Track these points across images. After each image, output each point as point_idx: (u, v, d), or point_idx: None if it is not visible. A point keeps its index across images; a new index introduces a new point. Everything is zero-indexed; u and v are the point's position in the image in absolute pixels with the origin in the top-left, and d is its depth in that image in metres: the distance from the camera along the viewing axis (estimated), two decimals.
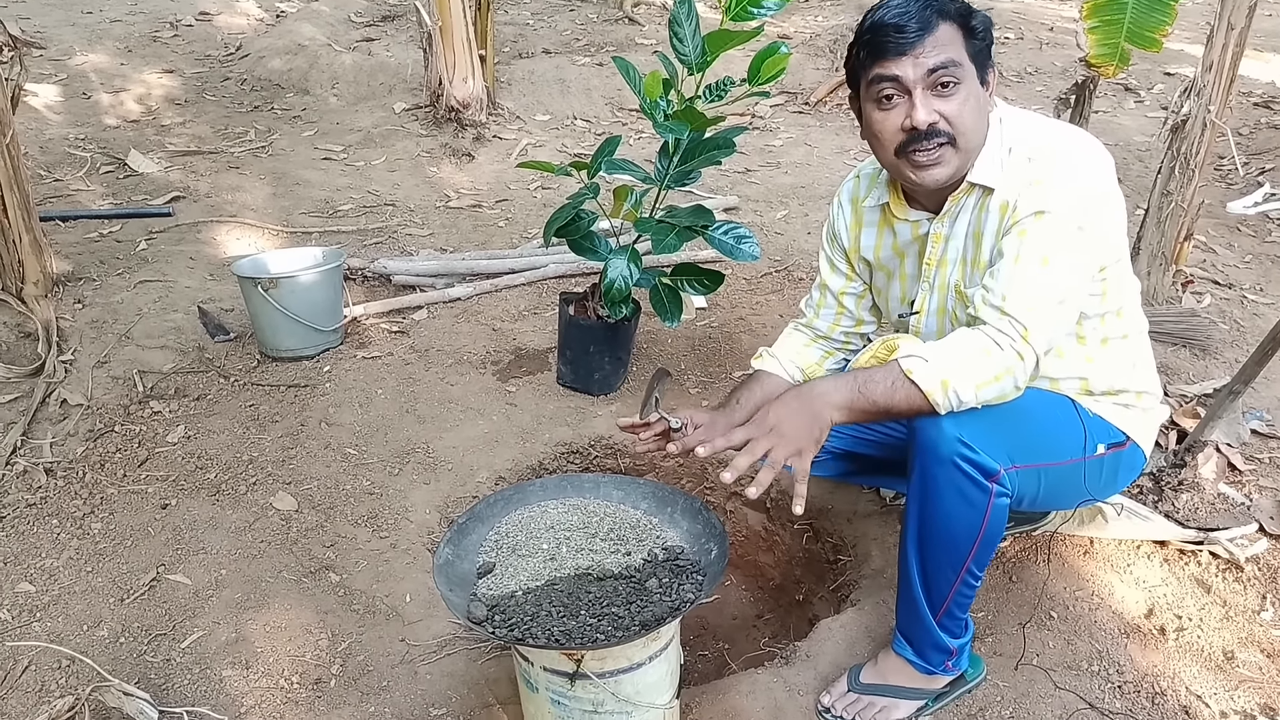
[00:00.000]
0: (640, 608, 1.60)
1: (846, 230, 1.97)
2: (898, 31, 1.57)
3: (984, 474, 1.63)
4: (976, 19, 1.62)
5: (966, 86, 1.61)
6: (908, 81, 1.59)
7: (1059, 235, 1.60)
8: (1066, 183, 1.61)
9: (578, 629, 1.55)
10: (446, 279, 3.68)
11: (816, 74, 6.62)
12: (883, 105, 1.63)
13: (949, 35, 1.59)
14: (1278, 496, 2.43)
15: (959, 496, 1.65)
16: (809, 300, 2.11)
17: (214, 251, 3.88)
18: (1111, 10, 2.78)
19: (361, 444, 2.72)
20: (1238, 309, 3.46)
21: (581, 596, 1.63)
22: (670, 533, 1.83)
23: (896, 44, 1.57)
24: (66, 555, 2.28)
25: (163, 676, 1.97)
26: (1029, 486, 1.75)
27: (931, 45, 1.57)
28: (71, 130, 5.14)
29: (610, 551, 1.75)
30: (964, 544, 1.70)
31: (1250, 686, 1.92)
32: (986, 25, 1.63)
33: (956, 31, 1.59)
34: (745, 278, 3.75)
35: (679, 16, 2.59)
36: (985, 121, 1.67)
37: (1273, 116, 5.63)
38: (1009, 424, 1.69)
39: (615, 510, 1.87)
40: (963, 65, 1.59)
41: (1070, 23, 7.83)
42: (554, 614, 1.58)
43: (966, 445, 1.62)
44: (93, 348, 3.06)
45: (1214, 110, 3.01)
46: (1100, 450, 1.83)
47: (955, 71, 1.58)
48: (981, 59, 1.63)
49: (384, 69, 6.12)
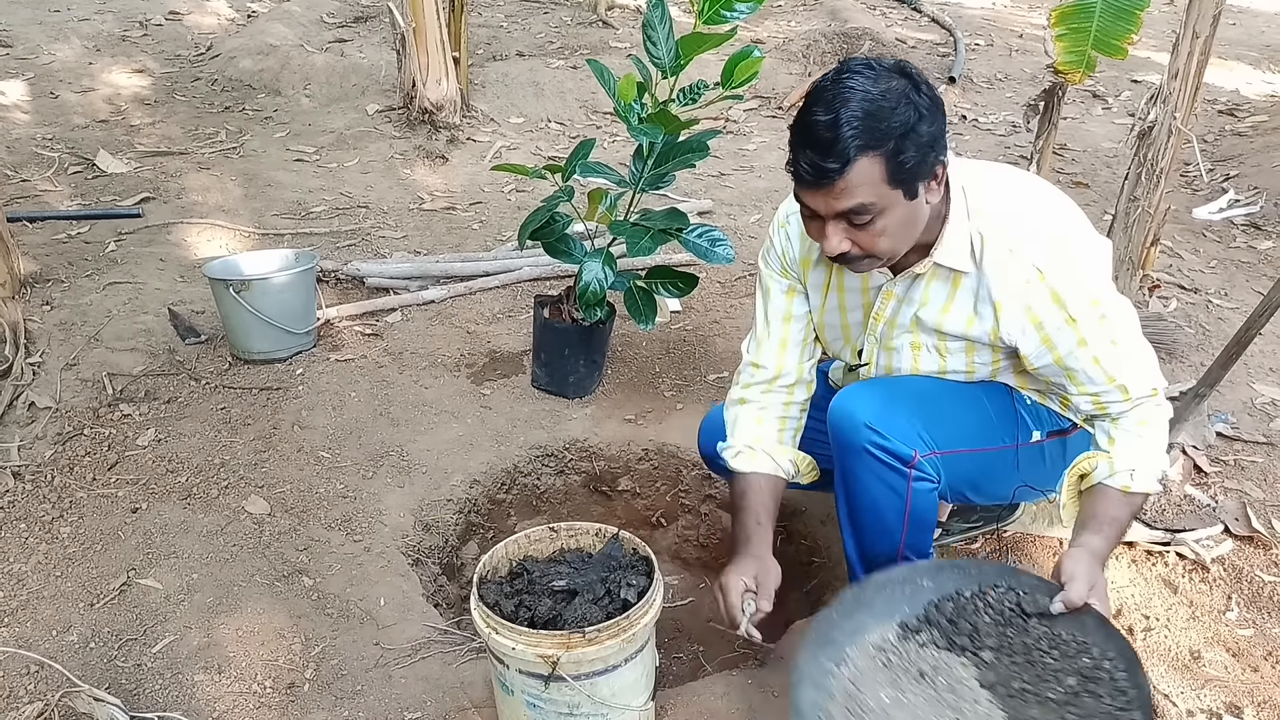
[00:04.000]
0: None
1: (796, 262, 1.87)
2: (809, 169, 1.47)
3: (899, 460, 1.66)
4: (907, 146, 1.46)
5: (886, 215, 1.51)
6: (820, 212, 1.52)
7: (1098, 313, 1.61)
8: (1071, 272, 1.60)
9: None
10: (420, 281, 3.67)
11: (789, 79, 6.66)
12: (804, 214, 1.59)
13: (867, 172, 1.46)
14: (1242, 498, 2.47)
15: (879, 482, 1.69)
16: (764, 347, 1.93)
17: (184, 253, 3.84)
18: (1079, 18, 2.82)
19: (335, 447, 2.71)
20: (1203, 313, 3.51)
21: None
22: None
23: (811, 180, 1.49)
24: (35, 560, 2.26)
25: (134, 682, 1.95)
26: (959, 473, 1.76)
27: (843, 188, 1.47)
28: (39, 130, 5.08)
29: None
30: (894, 528, 1.73)
31: (1216, 685, 1.95)
32: (919, 146, 1.47)
33: (877, 164, 1.46)
34: (719, 281, 3.77)
35: (653, 20, 2.60)
36: (915, 229, 1.58)
37: (1237, 124, 5.72)
38: (929, 410, 1.72)
39: None
40: (878, 202, 1.48)
41: (1039, 30, 7.91)
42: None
43: (877, 433, 1.66)
44: (61, 350, 3.03)
45: (1180, 117, 3.05)
46: (1036, 437, 1.83)
47: (870, 209, 1.49)
48: (911, 178, 1.50)
49: (357, 70, 6.08)
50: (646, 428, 2.85)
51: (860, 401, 1.72)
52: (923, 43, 7.40)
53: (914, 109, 1.46)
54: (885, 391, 1.74)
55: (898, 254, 1.60)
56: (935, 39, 7.51)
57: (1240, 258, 4.06)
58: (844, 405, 1.73)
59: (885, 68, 1.49)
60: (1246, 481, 2.55)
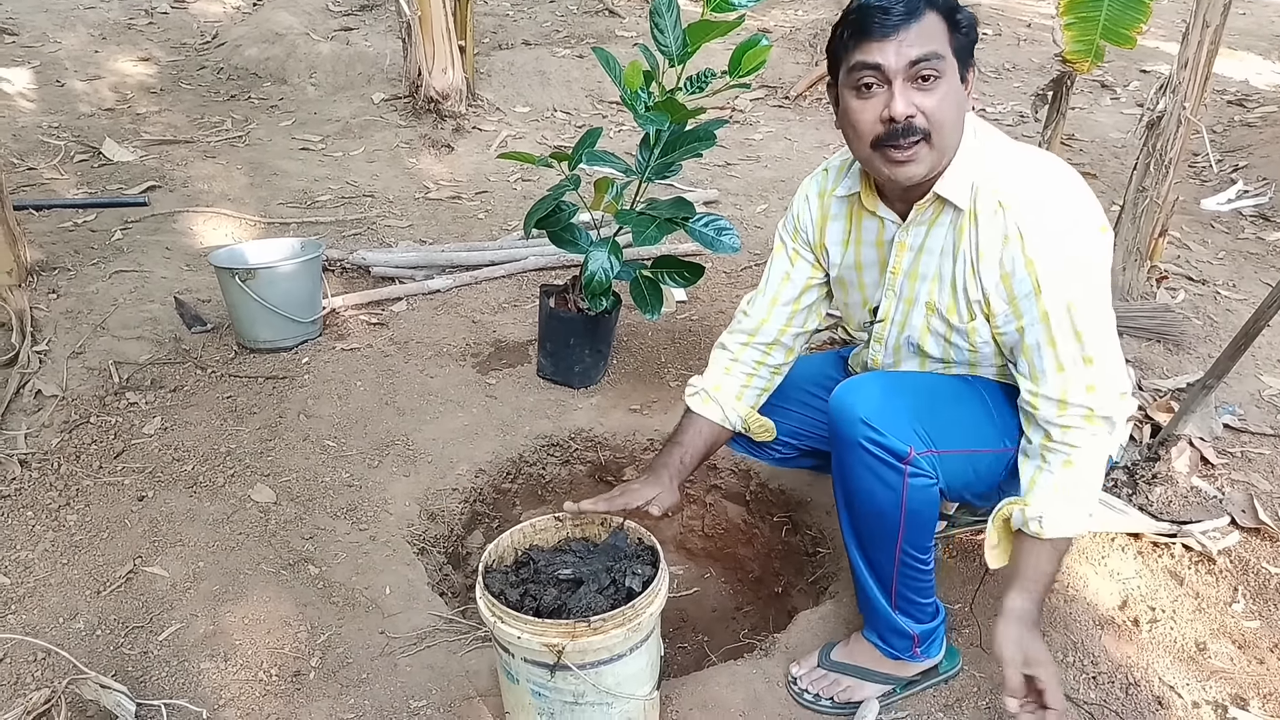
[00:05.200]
0: None
1: (813, 224, 1.90)
2: (883, 14, 1.53)
3: (894, 456, 1.64)
4: (963, 14, 1.58)
5: (947, 81, 1.57)
6: (889, 70, 1.54)
7: (1067, 296, 1.58)
8: (1051, 245, 1.58)
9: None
10: (426, 271, 3.67)
11: (796, 68, 6.64)
12: (861, 94, 1.59)
13: (934, 26, 1.55)
14: (1249, 490, 2.47)
15: (874, 477, 1.67)
16: (756, 300, 2.01)
17: (190, 242, 3.85)
18: (1088, 7, 2.81)
19: (340, 436, 2.71)
20: (1211, 304, 3.50)
21: None
22: None
23: (882, 26, 1.53)
24: (42, 547, 2.26)
25: (140, 669, 1.96)
26: (960, 473, 1.74)
27: (916, 34, 1.53)
28: (45, 118, 5.08)
29: None
30: (890, 523, 1.71)
31: (1222, 677, 1.95)
32: (971, 22, 1.60)
33: (942, 23, 1.55)
34: (725, 271, 3.76)
35: (660, 8, 2.59)
36: (962, 122, 1.64)
37: (1246, 114, 5.69)
38: (929, 408, 1.71)
39: None
40: (945, 59, 1.55)
41: (1047, 19, 7.88)
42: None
43: (872, 428, 1.64)
44: (67, 338, 3.03)
45: (1189, 107, 3.04)
46: None
47: (938, 65, 1.54)
48: (964, 55, 1.60)
49: (362, 59, 6.08)
50: (652, 418, 2.85)
51: (859, 395, 1.70)
52: None
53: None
54: (886, 386, 1.73)
55: (947, 148, 1.62)
56: None
57: (1248, 249, 4.04)
58: (843, 398, 1.72)
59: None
60: (1253, 473, 2.54)
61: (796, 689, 1.92)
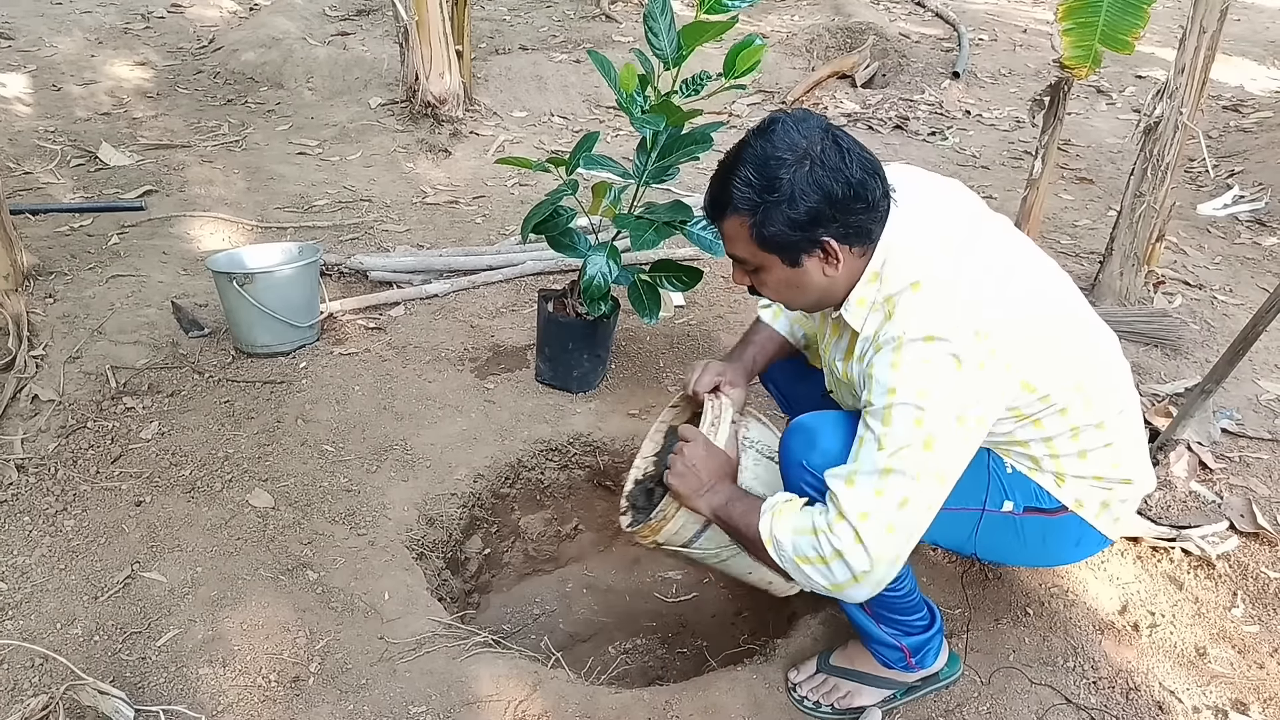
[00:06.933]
0: None
1: None
2: (704, 210, 1.64)
3: None
4: (775, 219, 1.49)
5: (767, 273, 1.60)
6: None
7: (907, 415, 1.45)
8: (918, 368, 1.46)
9: None
10: (424, 275, 3.66)
11: (793, 73, 6.65)
12: None
13: (735, 230, 1.56)
14: (1248, 495, 2.47)
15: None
16: None
17: (187, 246, 3.84)
18: (1086, 12, 2.82)
19: (339, 441, 2.71)
20: (1208, 309, 3.51)
21: None
22: None
23: (707, 218, 1.64)
24: (39, 553, 2.26)
25: (138, 675, 1.95)
26: None
27: (723, 236, 1.61)
28: (41, 122, 5.07)
29: None
30: None
31: (1222, 682, 1.95)
32: (790, 222, 1.49)
33: (743, 228, 1.54)
34: (723, 276, 3.76)
35: (654, 11, 2.59)
36: (806, 291, 1.61)
37: (1241, 120, 5.71)
38: None
39: None
40: (750, 259, 1.59)
41: (1043, 25, 7.90)
42: None
43: (809, 471, 1.62)
44: (64, 343, 3.02)
45: (1186, 113, 3.05)
46: (1008, 507, 1.72)
47: (745, 263, 1.62)
48: (786, 247, 1.53)
49: (359, 63, 6.07)
50: (650, 422, 2.84)
51: (804, 437, 1.65)
52: (926, 37, 7.38)
53: (794, 187, 1.47)
54: (835, 428, 1.65)
55: (794, 307, 1.70)
56: (939, 34, 7.49)
57: (1245, 254, 4.05)
58: (791, 435, 1.68)
59: (809, 132, 1.50)
60: (1252, 478, 2.55)
61: (796, 695, 1.92)
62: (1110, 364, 1.72)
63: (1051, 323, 1.59)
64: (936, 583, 2.18)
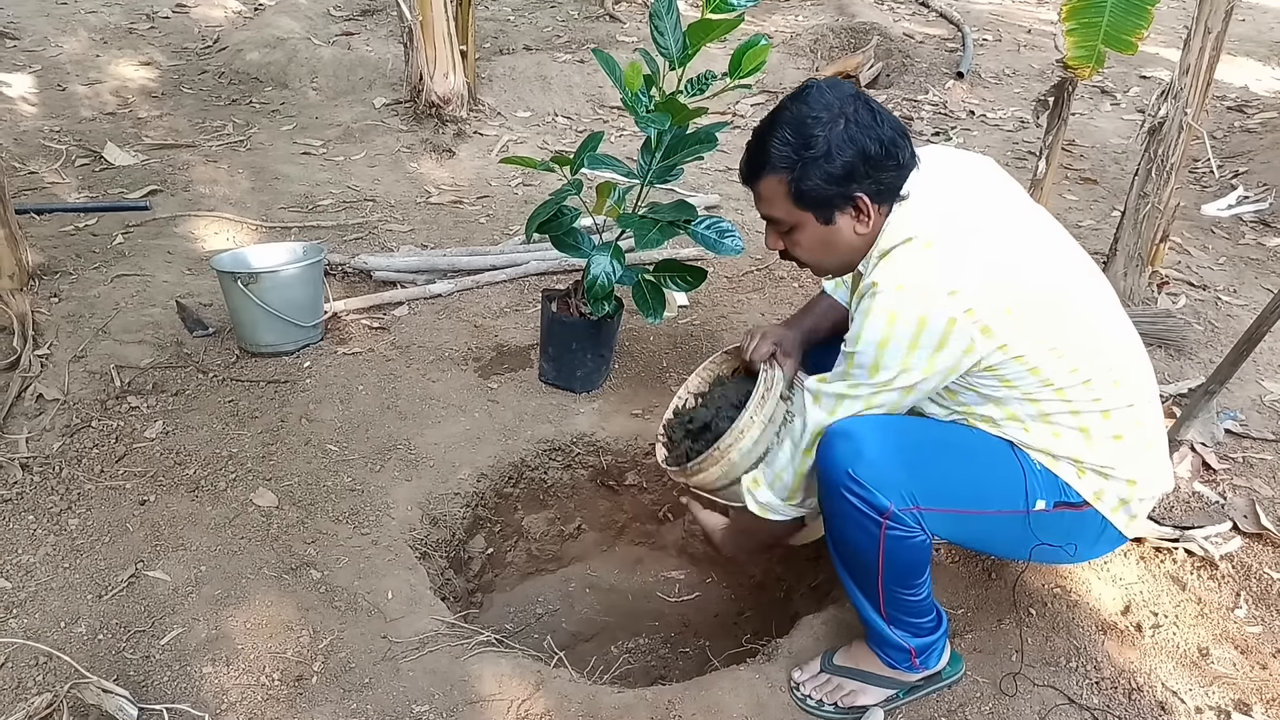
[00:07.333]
0: None
1: None
2: (740, 172, 1.74)
3: (874, 509, 1.64)
4: (812, 174, 1.62)
5: (801, 232, 1.70)
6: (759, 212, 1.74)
7: (873, 355, 1.62)
8: (886, 315, 1.59)
9: None
10: (427, 275, 3.67)
11: (797, 73, 6.64)
12: None
13: (772, 190, 1.67)
14: (1251, 495, 2.47)
15: (853, 524, 1.69)
16: None
17: (192, 246, 3.85)
18: (1090, 13, 2.81)
19: (342, 440, 2.71)
20: (1212, 310, 3.50)
21: None
22: None
23: (742, 180, 1.74)
24: (43, 551, 2.26)
25: (142, 673, 1.95)
26: (949, 531, 1.74)
27: (760, 195, 1.70)
28: (46, 122, 5.08)
29: None
30: (870, 565, 1.72)
31: (1224, 683, 1.95)
32: (827, 177, 1.62)
33: (780, 186, 1.65)
34: (727, 276, 3.76)
35: (659, 10, 2.59)
36: (838, 250, 1.73)
37: (1246, 120, 5.70)
38: (922, 463, 1.68)
39: None
40: (785, 219, 1.69)
41: (1047, 25, 7.89)
42: None
43: (854, 480, 1.65)
44: (69, 342, 3.03)
45: (1190, 113, 3.04)
46: (1040, 506, 1.74)
47: (781, 223, 1.72)
48: (820, 204, 1.65)
49: (364, 63, 6.08)
50: (654, 422, 2.85)
51: (848, 444, 1.67)
52: (930, 38, 7.38)
53: (830, 143, 1.60)
54: (879, 434, 1.68)
55: (823, 270, 1.81)
56: (943, 34, 7.48)
57: (1249, 254, 4.04)
58: (831, 442, 1.70)
59: (842, 95, 1.63)
60: (1255, 479, 2.54)
61: (799, 694, 1.92)
62: (1124, 357, 1.74)
63: (1048, 297, 1.65)
64: (939, 582, 2.18)
